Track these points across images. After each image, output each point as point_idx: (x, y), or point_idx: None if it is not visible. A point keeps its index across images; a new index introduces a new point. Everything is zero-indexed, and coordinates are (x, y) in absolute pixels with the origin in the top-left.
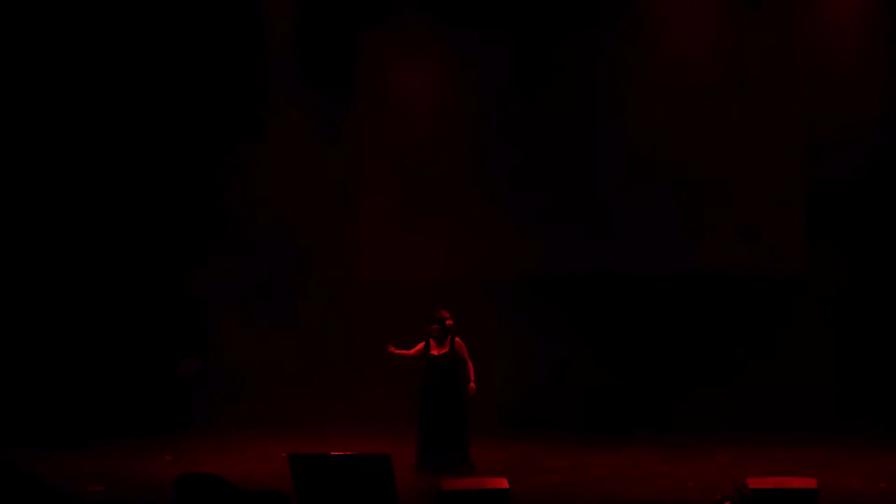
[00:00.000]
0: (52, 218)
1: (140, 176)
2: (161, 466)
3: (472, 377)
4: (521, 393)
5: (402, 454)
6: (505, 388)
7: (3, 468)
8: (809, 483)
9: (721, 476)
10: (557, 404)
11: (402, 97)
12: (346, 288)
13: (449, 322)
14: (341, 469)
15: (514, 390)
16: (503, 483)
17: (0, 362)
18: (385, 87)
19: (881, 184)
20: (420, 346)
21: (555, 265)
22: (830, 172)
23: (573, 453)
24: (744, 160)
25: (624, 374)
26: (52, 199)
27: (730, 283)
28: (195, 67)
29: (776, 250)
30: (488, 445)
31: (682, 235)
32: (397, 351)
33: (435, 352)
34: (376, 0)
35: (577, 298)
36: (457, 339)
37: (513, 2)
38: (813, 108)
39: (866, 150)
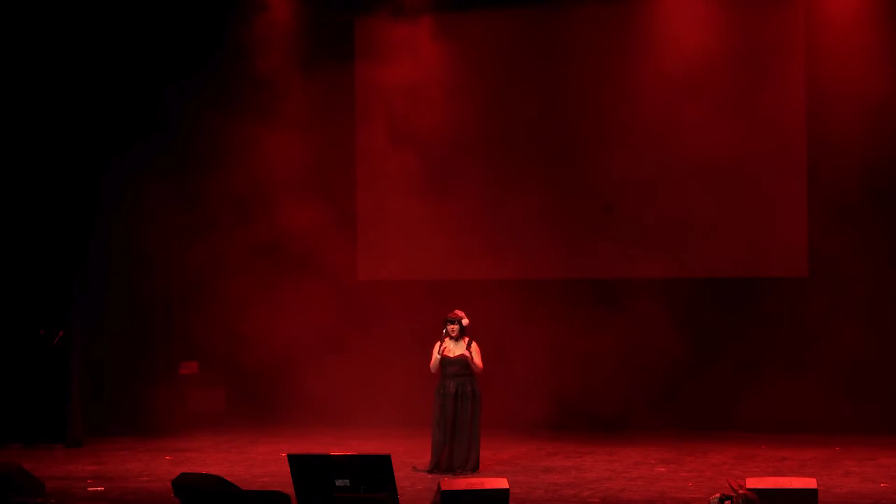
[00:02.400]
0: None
1: (133, 169)
2: (161, 466)
3: (478, 370)
4: (521, 393)
5: (401, 454)
6: (505, 388)
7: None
8: (809, 483)
9: (721, 476)
10: (557, 404)
11: (402, 84)
12: (346, 288)
13: (466, 322)
14: (341, 469)
15: (514, 390)
16: (503, 483)
17: (2, 363)
18: (384, 73)
19: (882, 181)
20: (436, 346)
21: (555, 266)
22: (831, 170)
23: (573, 453)
24: (744, 159)
25: (624, 374)
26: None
27: (730, 283)
28: (187, 56)
29: (777, 250)
30: (488, 445)
31: (681, 236)
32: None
33: (450, 353)
34: None
35: (577, 299)
36: (473, 341)
37: None
38: (814, 106)
39: (868, 147)
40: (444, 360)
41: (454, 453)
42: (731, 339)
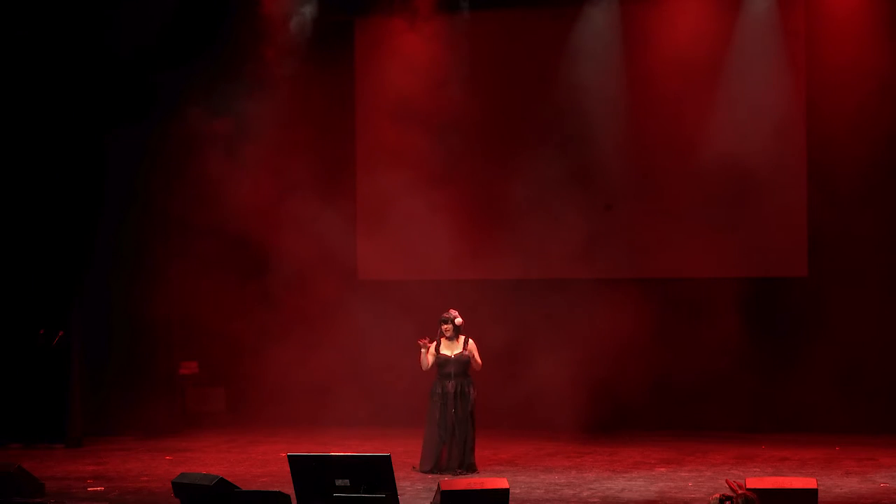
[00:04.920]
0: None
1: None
2: (161, 466)
3: (478, 367)
4: (521, 393)
5: (401, 454)
6: (505, 387)
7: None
8: (809, 483)
9: (721, 476)
10: (557, 404)
11: (403, 83)
12: (346, 288)
13: (460, 321)
14: (341, 469)
15: (515, 390)
16: (503, 483)
17: (2, 363)
18: (385, 73)
19: (883, 182)
20: (430, 345)
21: (554, 266)
22: (832, 170)
23: (573, 453)
24: (744, 159)
25: (624, 374)
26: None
27: (730, 283)
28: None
29: (777, 250)
30: (488, 445)
31: (681, 236)
32: (427, 345)
33: (448, 352)
34: None
35: (577, 299)
36: (471, 339)
37: None
38: (814, 106)
39: (868, 147)
40: (443, 359)
41: (452, 454)
42: (730, 339)
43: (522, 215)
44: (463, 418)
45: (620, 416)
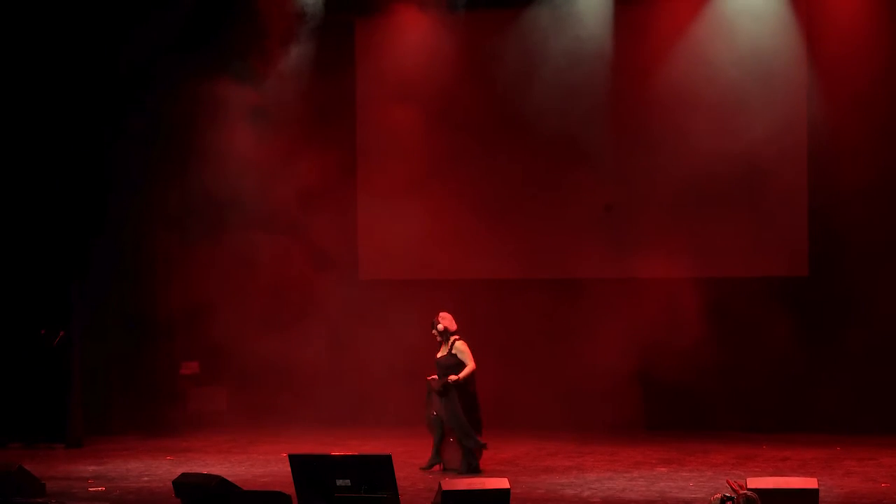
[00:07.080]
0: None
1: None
2: (162, 466)
3: (460, 377)
4: (521, 392)
5: (402, 454)
6: (505, 387)
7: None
8: (809, 483)
9: (722, 476)
10: (557, 404)
11: (403, 83)
12: (347, 288)
13: (443, 326)
14: (342, 469)
15: (515, 390)
16: (504, 483)
17: (3, 363)
18: (384, 73)
19: (883, 182)
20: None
21: (555, 265)
22: (832, 170)
23: (574, 453)
24: (745, 158)
25: (624, 374)
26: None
27: (730, 283)
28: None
29: (777, 250)
30: (489, 445)
31: (682, 236)
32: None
33: (437, 355)
34: None
35: (577, 299)
36: (459, 342)
37: None
38: (815, 106)
39: (869, 147)
40: (436, 362)
41: (453, 454)
42: (731, 339)
43: (523, 214)
44: (450, 418)
45: (620, 416)
